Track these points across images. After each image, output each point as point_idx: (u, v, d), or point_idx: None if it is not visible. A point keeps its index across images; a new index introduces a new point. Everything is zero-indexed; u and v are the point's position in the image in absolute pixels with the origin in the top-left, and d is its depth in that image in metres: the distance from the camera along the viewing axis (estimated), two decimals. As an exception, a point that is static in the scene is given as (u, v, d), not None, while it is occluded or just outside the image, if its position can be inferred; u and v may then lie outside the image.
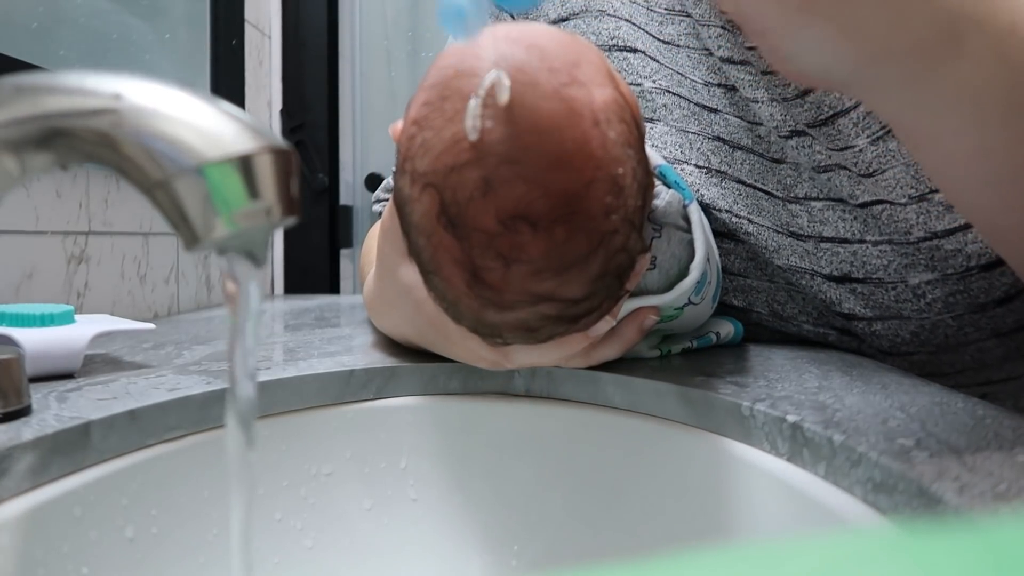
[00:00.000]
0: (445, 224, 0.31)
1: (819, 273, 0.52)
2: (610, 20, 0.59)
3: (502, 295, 0.32)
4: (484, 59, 0.31)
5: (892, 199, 0.49)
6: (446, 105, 0.31)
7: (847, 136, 0.49)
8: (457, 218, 0.30)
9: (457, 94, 0.31)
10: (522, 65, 0.30)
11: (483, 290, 0.32)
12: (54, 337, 0.42)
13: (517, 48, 0.31)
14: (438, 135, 0.31)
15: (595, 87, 0.31)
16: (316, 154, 1.36)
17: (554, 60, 0.31)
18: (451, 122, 0.30)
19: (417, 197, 0.32)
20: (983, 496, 0.24)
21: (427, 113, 0.31)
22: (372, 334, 0.59)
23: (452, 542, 0.45)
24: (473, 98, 0.29)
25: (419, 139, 0.31)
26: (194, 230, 0.23)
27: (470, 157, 0.30)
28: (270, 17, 1.27)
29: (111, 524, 0.34)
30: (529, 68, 0.30)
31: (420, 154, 0.31)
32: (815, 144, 0.51)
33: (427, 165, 0.31)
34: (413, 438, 0.46)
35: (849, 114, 0.50)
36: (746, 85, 0.52)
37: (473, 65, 0.31)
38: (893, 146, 0.48)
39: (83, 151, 0.23)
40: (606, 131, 0.31)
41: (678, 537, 0.40)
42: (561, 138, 0.30)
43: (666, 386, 0.41)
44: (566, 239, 0.30)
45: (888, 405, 0.35)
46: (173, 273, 0.83)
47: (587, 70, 0.31)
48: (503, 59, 0.30)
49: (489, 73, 0.30)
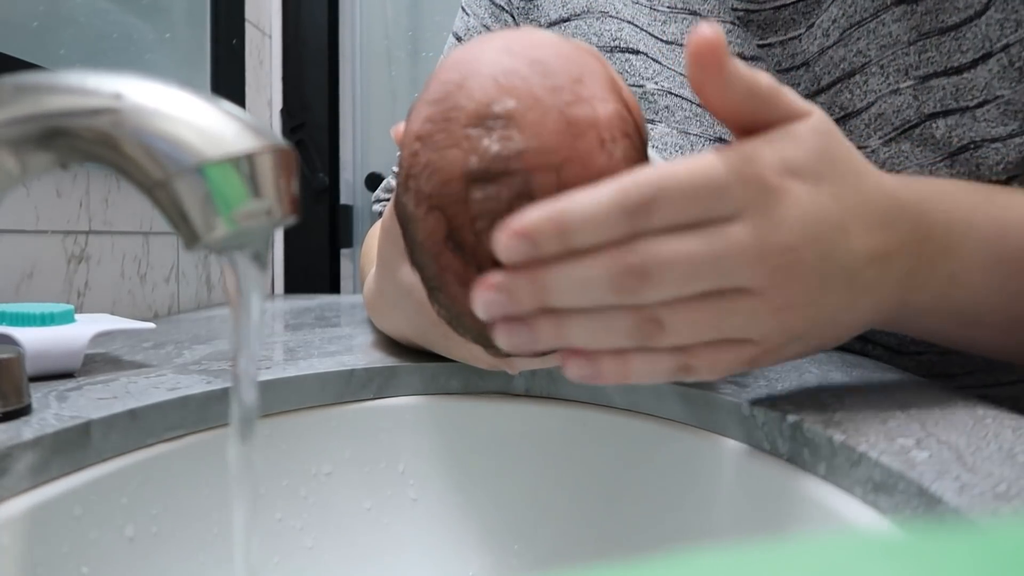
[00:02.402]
0: (452, 248, 0.31)
1: None
2: (612, 22, 0.59)
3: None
4: (486, 76, 0.31)
5: None
6: (450, 127, 0.31)
7: (859, 136, 0.49)
8: (465, 244, 0.31)
9: (461, 115, 0.31)
10: (525, 85, 0.30)
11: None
12: (54, 336, 0.42)
13: (519, 63, 0.31)
14: (443, 157, 0.31)
15: (599, 102, 0.31)
16: (316, 154, 1.36)
17: (557, 77, 0.31)
18: (456, 146, 0.30)
19: (423, 218, 0.32)
20: (983, 496, 0.24)
21: (431, 131, 0.31)
22: (372, 334, 0.59)
23: (452, 542, 0.45)
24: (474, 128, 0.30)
25: (423, 158, 0.31)
26: (194, 229, 0.23)
27: (480, 188, 0.30)
28: (271, 16, 1.27)
29: (111, 524, 0.34)
30: (533, 88, 0.30)
31: (425, 175, 0.31)
32: None
33: (432, 188, 0.31)
34: (413, 438, 0.46)
35: (861, 115, 0.49)
36: None
37: (475, 84, 0.31)
38: (906, 147, 0.48)
39: (83, 150, 0.23)
40: (612, 151, 0.30)
41: (678, 537, 0.40)
42: (568, 161, 0.30)
43: (666, 386, 0.41)
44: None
45: (888, 405, 0.35)
46: (173, 272, 0.83)
47: (590, 84, 0.31)
48: (505, 75, 0.30)
49: (494, 101, 0.30)
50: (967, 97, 0.46)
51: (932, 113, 0.47)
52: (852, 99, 0.50)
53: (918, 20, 0.47)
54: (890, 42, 0.48)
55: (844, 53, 0.50)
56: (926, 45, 0.47)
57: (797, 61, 0.52)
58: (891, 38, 0.48)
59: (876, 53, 0.49)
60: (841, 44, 0.50)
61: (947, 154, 0.47)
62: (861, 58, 0.49)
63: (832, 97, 0.50)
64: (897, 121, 0.48)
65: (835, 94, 0.50)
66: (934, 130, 0.47)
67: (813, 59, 0.51)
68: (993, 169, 0.47)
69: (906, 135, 0.48)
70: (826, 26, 0.50)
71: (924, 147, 0.48)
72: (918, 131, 0.48)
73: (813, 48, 0.51)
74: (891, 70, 0.48)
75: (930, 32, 0.47)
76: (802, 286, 0.29)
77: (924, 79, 0.47)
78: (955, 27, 0.46)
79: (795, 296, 0.29)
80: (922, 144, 0.48)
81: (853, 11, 0.49)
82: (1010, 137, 0.46)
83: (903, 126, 0.48)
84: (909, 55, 0.48)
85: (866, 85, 0.49)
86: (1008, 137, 0.46)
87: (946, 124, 0.47)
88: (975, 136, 0.46)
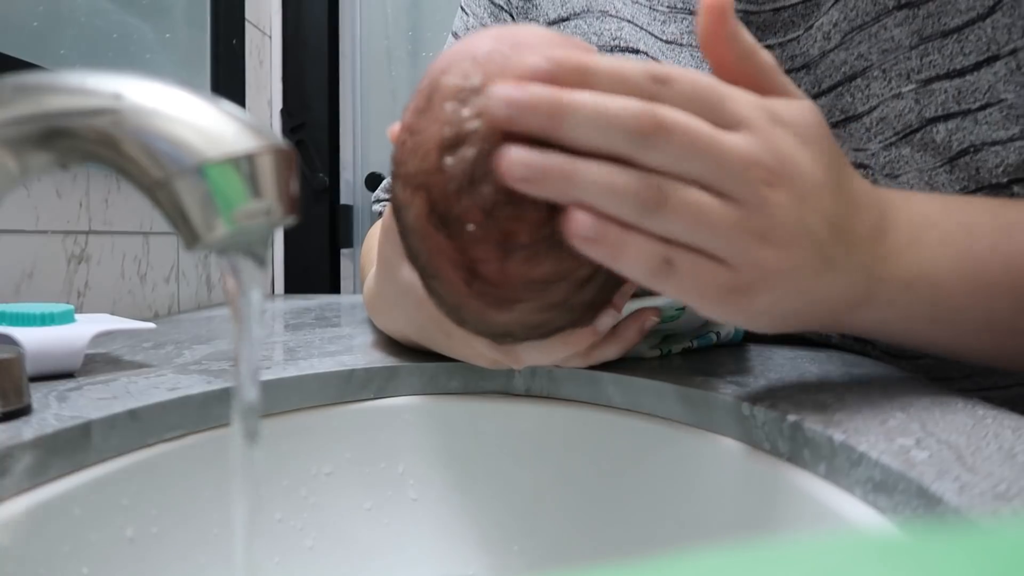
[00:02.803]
0: (436, 223, 0.31)
1: None
2: (612, 21, 0.59)
3: (502, 289, 0.32)
4: (466, 58, 0.31)
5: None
6: (432, 107, 0.31)
7: (859, 140, 0.49)
8: (445, 215, 0.31)
9: (439, 94, 0.31)
10: (503, 59, 0.31)
11: (483, 287, 0.32)
12: (54, 336, 0.42)
13: (502, 45, 0.31)
14: (423, 136, 0.31)
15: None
16: (316, 153, 1.36)
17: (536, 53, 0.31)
18: (435, 122, 0.31)
19: (409, 200, 0.32)
20: (983, 496, 0.24)
21: (415, 119, 0.32)
22: (372, 333, 0.59)
23: (452, 542, 0.45)
24: (451, 102, 0.30)
25: (409, 144, 0.32)
26: (194, 229, 0.23)
27: (452, 153, 0.30)
28: (271, 16, 1.27)
29: (111, 524, 0.34)
30: (509, 62, 0.31)
31: (409, 158, 0.32)
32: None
33: (415, 167, 0.31)
34: (413, 438, 0.46)
35: (862, 119, 0.49)
36: None
37: (456, 67, 0.31)
38: (906, 152, 0.48)
39: (83, 150, 0.23)
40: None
41: (678, 537, 0.40)
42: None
43: (666, 386, 0.41)
44: (550, 218, 0.30)
45: (888, 404, 0.35)
46: (173, 272, 0.83)
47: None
48: (485, 55, 0.31)
49: (470, 76, 0.30)
50: (969, 100, 0.46)
51: (933, 117, 0.47)
52: (853, 103, 0.49)
53: (920, 24, 0.47)
54: (892, 46, 0.48)
55: (845, 57, 0.50)
56: (928, 48, 0.47)
57: (797, 63, 0.52)
58: (893, 42, 0.48)
59: (878, 57, 0.48)
60: (842, 48, 0.50)
61: (947, 159, 0.47)
62: (862, 62, 0.49)
63: (833, 100, 0.50)
64: (899, 125, 0.48)
65: (835, 97, 0.50)
66: (934, 135, 0.47)
67: (813, 62, 0.51)
68: (993, 172, 0.47)
69: (906, 140, 0.48)
70: (826, 29, 0.50)
71: (924, 152, 0.48)
72: (919, 136, 0.48)
73: (814, 51, 0.51)
74: (893, 75, 0.48)
75: (932, 35, 0.47)
76: (777, 219, 0.31)
77: (926, 83, 0.47)
78: (957, 29, 0.46)
79: (770, 228, 0.31)
80: (922, 149, 0.48)
81: (855, 15, 0.49)
82: (1011, 140, 0.46)
83: (904, 130, 0.48)
84: (911, 59, 0.47)
85: (868, 89, 0.49)
86: (1009, 140, 0.46)
87: (947, 128, 0.47)
88: (975, 140, 0.46)
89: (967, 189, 0.48)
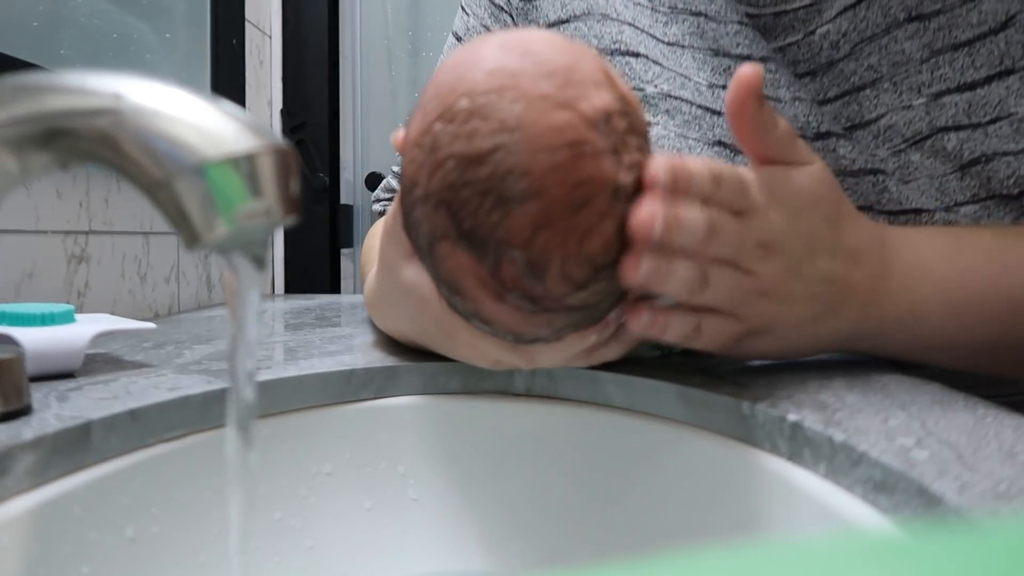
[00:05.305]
0: (457, 238, 0.31)
1: None
2: (612, 24, 0.59)
3: (540, 303, 0.32)
4: (478, 71, 0.31)
5: (921, 206, 0.48)
6: (448, 127, 0.31)
7: (867, 147, 0.49)
8: (475, 233, 0.31)
9: (457, 114, 0.31)
10: (517, 72, 0.31)
11: (520, 301, 0.32)
12: (54, 336, 0.42)
13: (512, 56, 0.31)
14: (443, 154, 0.31)
15: (592, 88, 0.31)
16: (316, 153, 1.36)
17: (549, 64, 0.31)
18: (453, 141, 0.31)
19: (430, 216, 0.32)
20: (983, 496, 0.24)
21: (429, 136, 0.32)
22: (372, 333, 0.59)
23: (452, 542, 0.45)
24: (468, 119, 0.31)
25: (425, 163, 0.32)
26: (194, 229, 0.23)
27: (476, 175, 0.30)
28: (271, 16, 1.27)
29: (111, 524, 0.34)
30: (525, 75, 0.31)
31: (425, 178, 0.31)
32: (839, 148, 0.50)
33: (434, 186, 0.31)
34: (413, 438, 0.46)
35: (869, 126, 0.49)
36: (766, 84, 0.52)
37: (468, 81, 0.31)
38: (916, 158, 0.48)
39: (83, 151, 0.23)
40: (604, 134, 0.31)
41: (678, 537, 0.40)
42: (561, 143, 0.30)
43: (666, 386, 0.41)
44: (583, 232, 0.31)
45: (888, 404, 0.35)
46: (174, 272, 0.83)
47: (583, 72, 0.32)
48: (497, 67, 0.31)
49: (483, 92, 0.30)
50: (979, 113, 0.46)
51: (943, 127, 0.47)
52: (860, 111, 0.49)
53: (931, 37, 0.47)
54: (903, 59, 0.48)
55: (855, 67, 0.49)
56: (939, 62, 0.47)
57: (800, 70, 0.52)
58: (904, 55, 0.48)
59: (888, 70, 0.48)
60: (851, 59, 0.49)
61: (958, 166, 0.47)
62: (872, 73, 0.49)
63: (839, 108, 0.50)
64: (908, 133, 0.48)
65: (842, 106, 0.50)
66: (945, 142, 0.47)
67: (820, 70, 0.51)
68: (1004, 183, 0.47)
69: (916, 146, 0.48)
70: (834, 39, 0.50)
71: (935, 158, 0.48)
72: (929, 143, 0.48)
73: (820, 59, 0.51)
74: (904, 88, 0.48)
75: (942, 48, 0.47)
76: (775, 280, 0.37)
77: (936, 96, 0.47)
78: (968, 43, 0.46)
79: (770, 288, 0.37)
80: (932, 156, 0.48)
81: (864, 26, 0.49)
82: (1022, 152, 0.46)
83: (913, 138, 0.48)
84: (922, 73, 0.47)
85: (876, 99, 0.49)
86: (1020, 152, 0.46)
87: (957, 138, 0.47)
88: (986, 150, 0.46)
89: (978, 197, 0.47)
